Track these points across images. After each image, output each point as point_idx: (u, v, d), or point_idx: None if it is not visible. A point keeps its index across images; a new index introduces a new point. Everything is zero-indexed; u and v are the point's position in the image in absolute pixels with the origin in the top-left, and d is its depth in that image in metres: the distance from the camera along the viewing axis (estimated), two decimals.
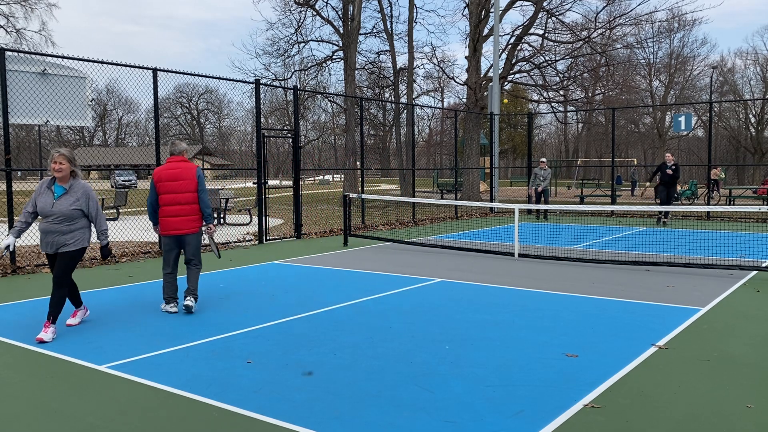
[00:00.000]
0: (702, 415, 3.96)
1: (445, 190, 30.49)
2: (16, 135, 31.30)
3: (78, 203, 5.79)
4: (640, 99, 50.52)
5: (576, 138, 67.04)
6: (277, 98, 45.00)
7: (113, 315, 6.73)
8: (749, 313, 6.65)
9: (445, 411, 4.03)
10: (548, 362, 5.00)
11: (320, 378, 4.67)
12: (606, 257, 10.47)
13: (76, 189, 5.84)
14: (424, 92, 46.36)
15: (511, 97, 39.97)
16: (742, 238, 13.35)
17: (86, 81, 10.45)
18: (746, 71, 76.81)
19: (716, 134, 48.11)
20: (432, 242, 12.63)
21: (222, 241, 12.99)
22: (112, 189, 36.68)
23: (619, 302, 7.21)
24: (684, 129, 20.14)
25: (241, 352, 5.31)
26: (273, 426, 3.82)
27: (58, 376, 4.76)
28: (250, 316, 6.59)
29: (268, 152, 14.17)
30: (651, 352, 5.26)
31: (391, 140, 52.95)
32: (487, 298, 7.51)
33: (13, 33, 37.76)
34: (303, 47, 28.98)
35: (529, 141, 22.92)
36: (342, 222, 14.04)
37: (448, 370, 4.83)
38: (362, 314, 6.67)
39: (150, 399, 4.28)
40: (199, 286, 7.21)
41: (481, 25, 25.02)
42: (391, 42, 31.16)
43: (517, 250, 10.88)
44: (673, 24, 52.62)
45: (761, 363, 4.97)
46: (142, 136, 73.73)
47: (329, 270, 9.65)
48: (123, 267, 10.05)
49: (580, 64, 28.32)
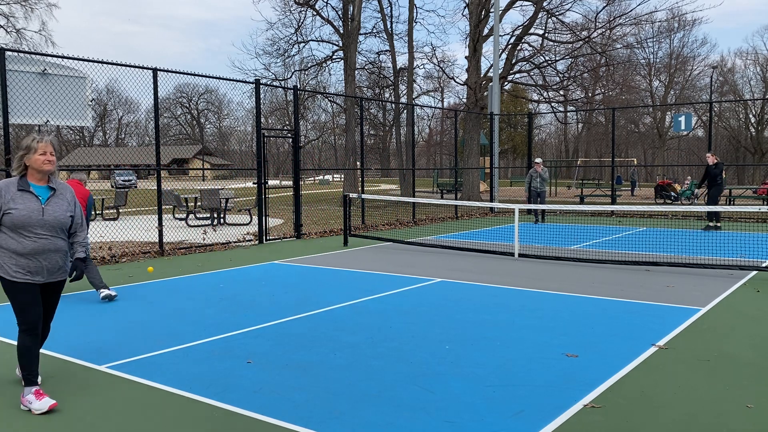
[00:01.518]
0: (702, 415, 3.96)
1: (445, 190, 30.50)
2: (16, 135, 31.31)
3: (70, 208, 4.37)
4: (640, 99, 50.53)
5: (576, 138, 67.04)
6: (277, 98, 45.02)
7: (113, 315, 6.73)
8: (749, 313, 6.65)
9: (445, 411, 4.03)
10: (548, 362, 5.00)
11: (320, 378, 4.67)
12: (606, 257, 10.47)
13: (64, 190, 4.40)
14: (424, 92, 46.39)
15: (511, 97, 39.98)
16: (742, 238, 13.35)
17: (86, 81, 10.45)
18: (746, 71, 76.90)
19: (716, 134, 48.08)
20: (432, 242, 12.63)
21: (222, 241, 13.00)
22: (112, 189, 36.69)
23: (619, 302, 7.21)
24: (684, 129, 20.14)
25: (241, 352, 5.31)
26: (273, 426, 3.82)
27: (58, 376, 4.75)
28: (250, 316, 6.59)
29: (268, 152, 14.17)
30: (651, 352, 5.26)
31: (391, 140, 52.96)
32: (487, 298, 7.51)
33: (13, 33, 37.80)
34: (303, 47, 29.00)
35: (529, 141, 22.91)
36: (342, 222, 14.05)
37: (448, 370, 4.83)
38: (362, 314, 6.67)
39: (150, 399, 4.28)
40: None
41: (481, 25, 25.02)
42: (391, 42, 31.16)
43: (517, 250, 10.88)
44: (673, 24, 52.67)
45: (761, 363, 4.97)
46: (142, 136, 73.79)
47: (329, 270, 9.65)
48: (123, 267, 10.05)
49: (580, 64, 28.32)
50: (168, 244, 12.15)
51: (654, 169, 55.87)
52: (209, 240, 13.06)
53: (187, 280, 8.80)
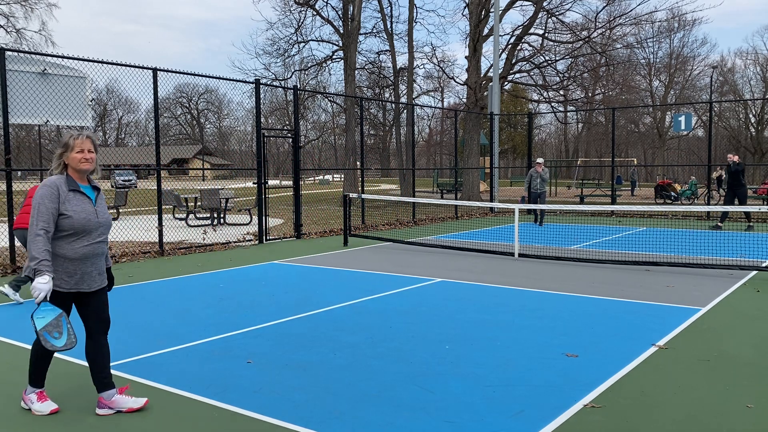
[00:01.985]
0: (702, 415, 3.96)
1: (445, 190, 30.50)
2: (16, 135, 31.30)
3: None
4: (640, 99, 50.53)
5: (576, 138, 67.04)
6: (277, 98, 45.04)
7: (113, 315, 6.71)
8: (749, 313, 6.65)
9: (445, 411, 4.03)
10: (548, 362, 5.00)
11: (320, 378, 4.67)
12: (606, 257, 10.47)
13: (100, 190, 4.14)
14: (424, 92, 46.39)
15: (511, 97, 39.97)
16: (742, 238, 13.35)
17: (86, 81, 10.45)
18: (746, 71, 76.94)
19: (716, 134, 48.08)
20: (432, 242, 12.63)
21: (222, 241, 13.00)
22: (112, 189, 36.69)
23: (619, 302, 7.21)
24: (684, 129, 20.14)
25: (241, 352, 5.31)
26: (273, 426, 3.82)
27: (58, 376, 4.75)
28: (250, 316, 6.59)
29: (268, 152, 14.17)
30: (651, 352, 5.26)
31: (391, 140, 52.96)
32: (487, 298, 7.51)
33: (13, 33, 37.76)
34: (303, 47, 29.01)
35: (529, 141, 22.91)
36: (342, 222, 14.04)
37: (448, 370, 4.83)
38: (362, 314, 6.67)
39: (150, 399, 4.28)
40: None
41: (481, 25, 25.02)
42: (391, 42, 31.16)
43: (517, 250, 10.88)
44: (673, 24, 52.68)
45: (761, 363, 4.97)
46: (142, 136, 73.78)
47: (329, 270, 9.65)
48: (123, 267, 10.05)
49: (580, 64, 28.33)
50: (168, 244, 12.15)
51: (654, 169, 55.88)
52: (209, 240, 13.06)
53: (187, 280, 8.80)
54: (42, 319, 3.70)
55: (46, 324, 3.70)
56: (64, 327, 3.75)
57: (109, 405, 4.03)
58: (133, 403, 4.06)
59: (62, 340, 3.73)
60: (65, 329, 3.75)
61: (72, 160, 3.88)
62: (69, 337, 3.75)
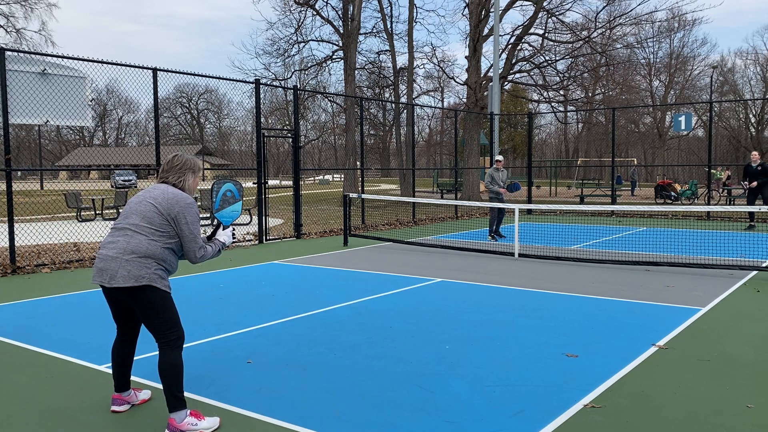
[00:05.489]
0: (702, 415, 3.96)
1: (445, 190, 30.51)
2: (16, 135, 31.30)
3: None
4: (640, 99, 50.51)
5: (576, 138, 67.02)
6: (277, 98, 45.02)
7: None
8: (749, 313, 6.65)
9: (445, 411, 4.02)
10: (548, 362, 5.00)
11: (320, 378, 4.67)
12: (606, 257, 10.47)
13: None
14: (424, 92, 46.39)
15: (511, 97, 39.98)
16: (742, 238, 13.35)
17: (86, 81, 10.45)
18: (746, 71, 76.88)
19: (716, 134, 48.09)
20: (432, 242, 12.63)
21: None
22: (112, 189, 36.68)
23: (619, 302, 7.21)
24: (684, 129, 20.13)
25: (241, 352, 5.31)
26: (273, 426, 3.82)
27: (58, 376, 4.75)
28: (250, 316, 6.59)
29: (268, 152, 14.17)
30: (651, 352, 5.26)
31: (391, 140, 52.98)
32: (487, 298, 7.51)
33: (13, 33, 37.76)
34: (303, 47, 29.02)
35: (529, 141, 22.90)
36: (342, 222, 14.04)
37: (448, 370, 4.83)
38: (362, 314, 6.67)
39: (150, 399, 4.28)
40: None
41: (481, 25, 25.03)
42: (391, 42, 31.17)
43: (517, 250, 10.88)
44: (673, 24, 52.67)
45: (761, 363, 4.97)
46: (142, 136, 73.78)
47: (329, 270, 9.65)
48: None
49: (580, 64, 28.34)
50: None
51: (654, 169, 55.87)
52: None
53: (187, 280, 8.80)
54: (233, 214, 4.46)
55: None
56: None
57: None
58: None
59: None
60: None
61: (194, 184, 4.18)
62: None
